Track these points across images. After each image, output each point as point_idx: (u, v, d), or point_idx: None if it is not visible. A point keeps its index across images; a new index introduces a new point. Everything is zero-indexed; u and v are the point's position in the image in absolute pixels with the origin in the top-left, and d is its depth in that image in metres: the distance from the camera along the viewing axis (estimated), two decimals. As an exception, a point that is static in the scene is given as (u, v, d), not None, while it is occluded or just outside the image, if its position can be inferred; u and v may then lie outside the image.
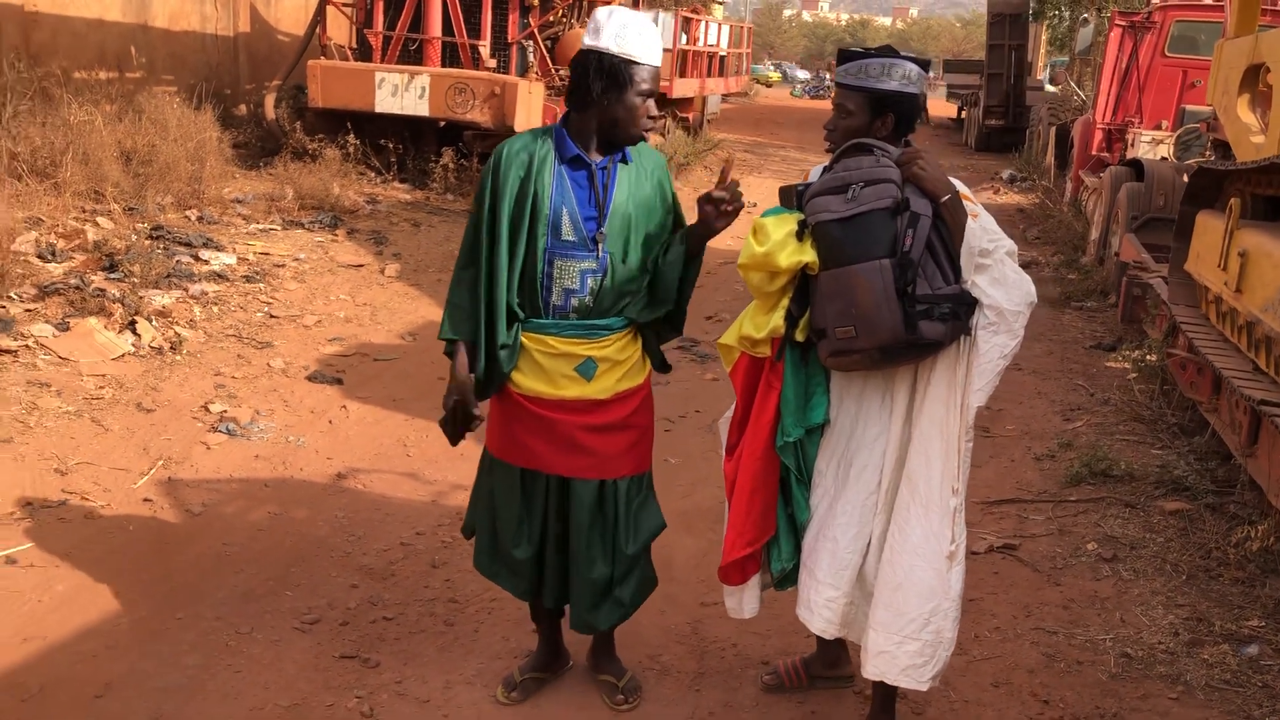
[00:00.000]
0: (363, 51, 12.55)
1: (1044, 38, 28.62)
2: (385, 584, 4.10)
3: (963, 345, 2.85)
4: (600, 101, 2.91)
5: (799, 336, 2.96)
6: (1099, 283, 9.35)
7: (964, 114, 28.59)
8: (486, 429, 3.28)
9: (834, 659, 3.47)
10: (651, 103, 2.98)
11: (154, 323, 6.47)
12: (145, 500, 4.65)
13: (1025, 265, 10.52)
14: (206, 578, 4.07)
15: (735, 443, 3.15)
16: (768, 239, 2.87)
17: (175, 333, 6.48)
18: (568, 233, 2.99)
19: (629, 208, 3.03)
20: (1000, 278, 2.79)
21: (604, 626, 3.25)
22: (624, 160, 3.04)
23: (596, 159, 3.01)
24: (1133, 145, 11.24)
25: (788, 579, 3.14)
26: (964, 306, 2.79)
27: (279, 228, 9.46)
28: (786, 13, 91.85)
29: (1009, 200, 15.59)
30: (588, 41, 2.94)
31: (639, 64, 2.91)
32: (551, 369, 3.07)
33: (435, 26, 12.00)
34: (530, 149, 3.02)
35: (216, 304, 7.11)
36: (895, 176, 2.79)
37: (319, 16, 12.92)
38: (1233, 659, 3.64)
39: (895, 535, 2.94)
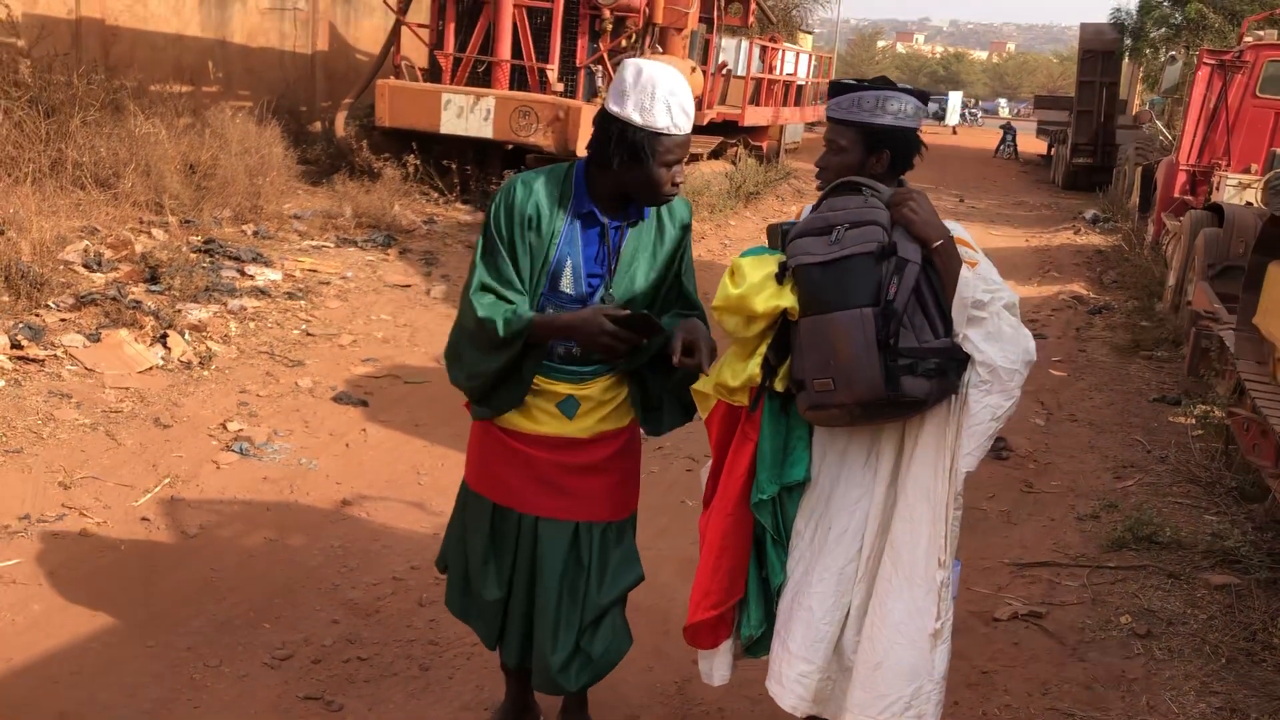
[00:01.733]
0: (433, 72, 12.60)
1: (1139, 75, 27.84)
2: (367, 621, 3.95)
3: (953, 405, 2.60)
4: (619, 171, 2.73)
5: (778, 386, 2.73)
6: (1172, 332, 8.91)
7: (1053, 151, 27.92)
8: (467, 458, 3.11)
9: (820, 732, 3.22)
10: (679, 169, 2.79)
11: (186, 337, 6.45)
12: (143, 519, 4.57)
13: (1098, 310, 10.21)
14: (187, 604, 3.96)
15: (711, 496, 2.94)
16: (744, 281, 2.66)
17: (207, 347, 6.46)
18: (566, 285, 2.83)
19: (635, 270, 2.87)
20: (995, 332, 2.54)
21: (573, 687, 3.03)
22: (641, 218, 2.87)
23: (611, 216, 2.84)
24: (1218, 188, 10.76)
25: (758, 646, 2.91)
26: (953, 363, 2.54)
27: (332, 245, 9.46)
28: (880, 43, 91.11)
29: (1089, 241, 15.08)
30: (611, 106, 2.73)
31: (663, 135, 2.70)
32: (532, 405, 2.91)
33: (505, 49, 11.98)
34: (550, 192, 2.82)
35: (254, 320, 7.08)
36: (883, 219, 2.57)
37: (394, 36, 13.02)
38: (1265, 758, 3.31)
39: (876, 610, 2.70)
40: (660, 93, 2.67)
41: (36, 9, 10.68)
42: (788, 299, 2.63)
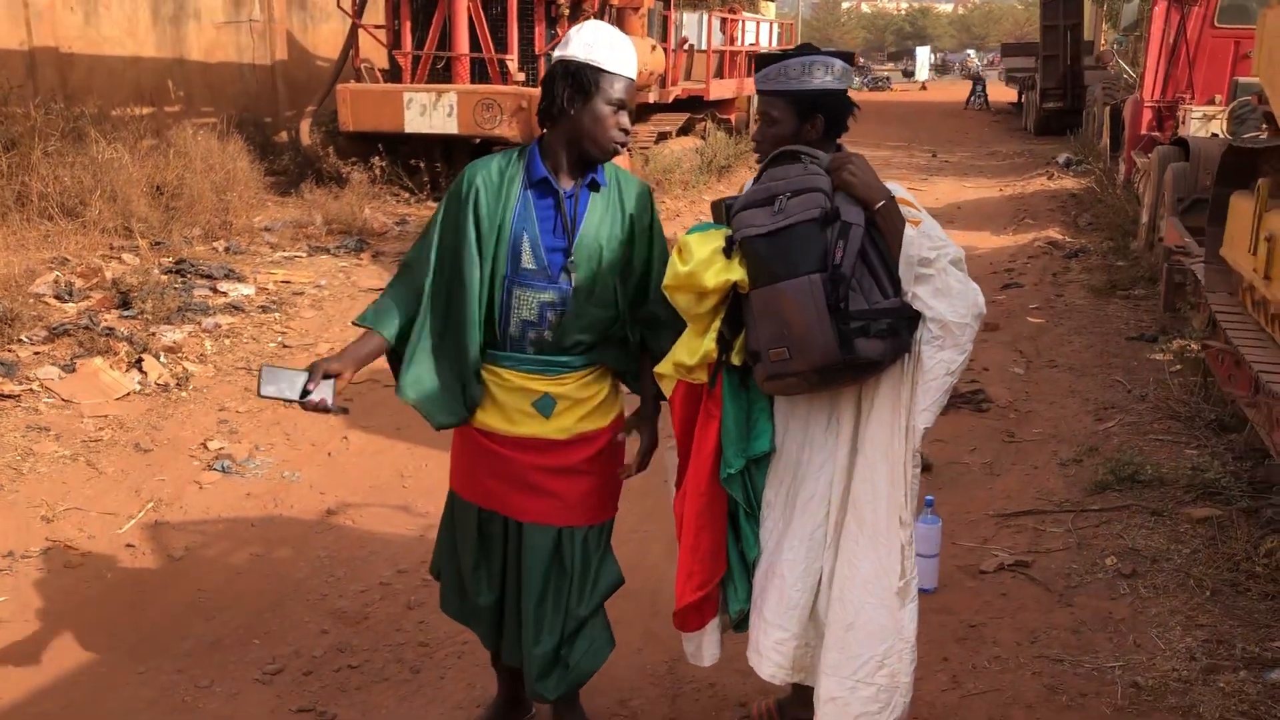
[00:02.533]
0: (394, 72, 12.55)
1: (1103, 14, 27.78)
2: (356, 629, 3.96)
3: (907, 363, 2.61)
4: (567, 111, 2.72)
5: (735, 360, 2.74)
6: (1148, 270, 8.93)
7: (1023, 98, 27.90)
8: (451, 464, 3.11)
9: (809, 699, 3.23)
10: (624, 116, 2.79)
11: (162, 359, 6.44)
12: (128, 546, 4.57)
13: (1074, 253, 10.22)
14: (175, 626, 3.96)
15: (682, 478, 2.94)
16: (692, 257, 2.66)
17: (184, 368, 6.45)
18: (527, 261, 2.80)
19: (599, 239, 2.83)
20: (944, 288, 2.54)
21: (551, 697, 3.00)
22: (596, 186, 2.84)
23: (567, 185, 2.82)
24: (1184, 122, 10.75)
25: (747, 620, 2.92)
26: (904, 321, 2.55)
27: (305, 254, 9.45)
28: (845, 4, 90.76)
29: (1063, 186, 15.08)
30: (556, 53, 2.78)
31: (607, 72, 2.72)
32: (508, 404, 2.89)
33: (462, 43, 11.93)
34: (500, 169, 2.83)
35: (229, 336, 7.07)
36: (824, 185, 2.57)
37: (351, 40, 12.96)
38: (1252, 686, 3.33)
39: (844, 570, 2.71)
40: (602, 34, 2.74)
41: (-13, 43, 10.62)
42: (737, 272, 2.63)
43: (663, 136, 14.72)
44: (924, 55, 58.75)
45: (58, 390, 5.90)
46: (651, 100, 14.51)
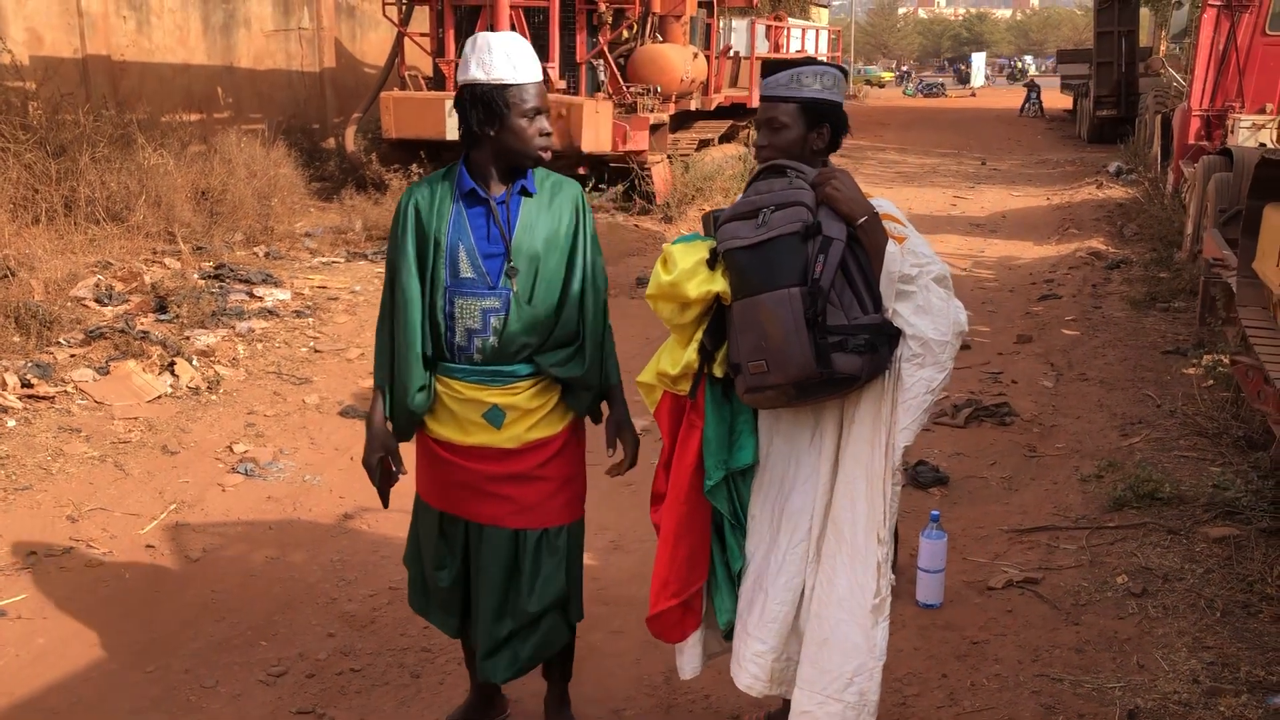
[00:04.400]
0: (437, 80, 12.68)
1: (1160, 21, 27.33)
2: (362, 632, 4.01)
3: (887, 380, 2.60)
4: (486, 134, 2.77)
5: (717, 372, 2.75)
6: (1189, 282, 8.76)
7: (1078, 106, 27.53)
8: (415, 469, 3.16)
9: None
10: (543, 120, 2.84)
11: (194, 363, 6.56)
12: (148, 546, 4.67)
13: (1116, 264, 10.07)
14: (187, 627, 4.04)
15: (664, 491, 2.95)
16: (675, 268, 2.68)
17: (215, 372, 6.56)
18: (466, 270, 2.86)
19: (533, 244, 2.87)
20: (925, 305, 2.54)
21: (498, 679, 3.07)
22: (527, 193, 2.88)
23: (497, 193, 2.87)
24: (1232, 132, 10.57)
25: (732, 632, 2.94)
26: (883, 338, 2.54)
27: (343, 260, 9.58)
28: (901, 10, 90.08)
29: (1110, 195, 14.86)
30: (459, 78, 2.83)
31: (512, 85, 2.76)
32: (461, 415, 2.95)
33: (504, 51, 12.01)
34: (431, 187, 2.92)
35: (262, 341, 7.18)
36: (808, 199, 2.57)
37: (397, 48, 13.13)
38: (1254, 711, 3.26)
39: (823, 586, 2.71)
40: (497, 48, 2.75)
41: (42, 50, 10.89)
42: (719, 284, 2.65)
43: (704, 144, 14.73)
44: (980, 61, 58.15)
45: (91, 392, 6.03)
46: (694, 108, 14.53)
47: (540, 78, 2.82)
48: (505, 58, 2.75)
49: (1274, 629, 3.72)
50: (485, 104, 2.74)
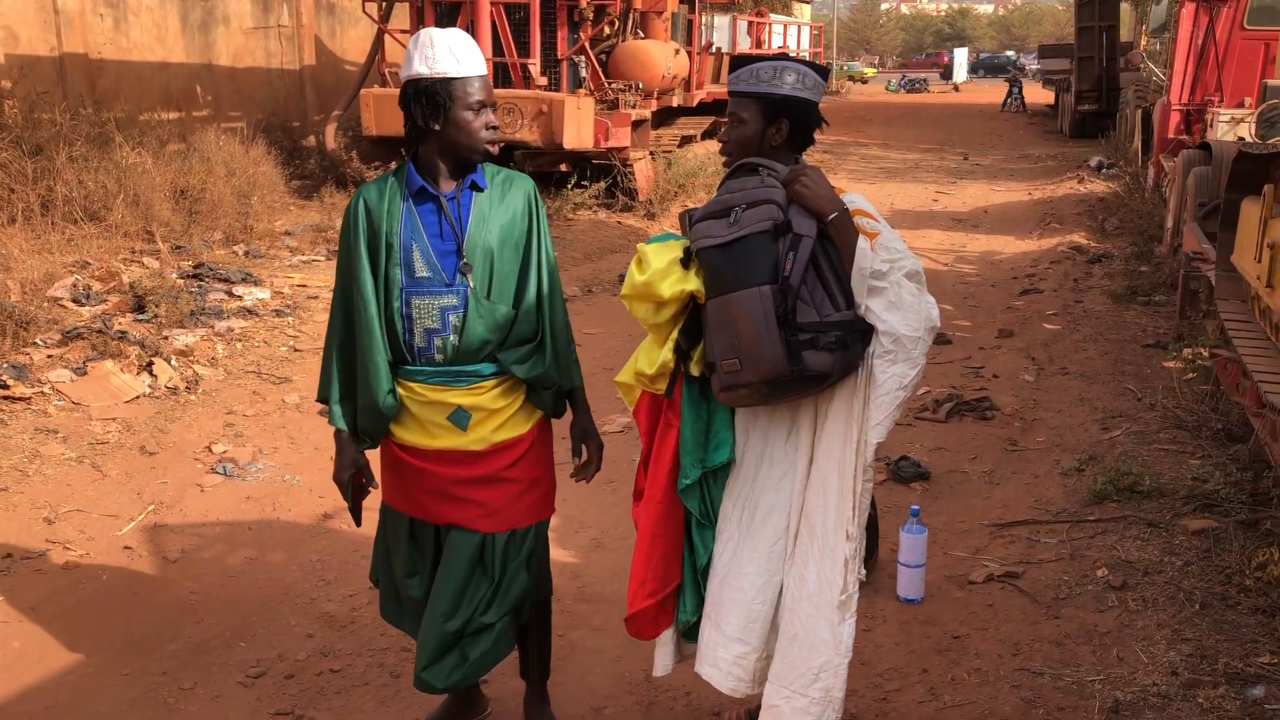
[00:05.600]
0: (418, 77, 12.61)
1: (1140, 16, 27.43)
2: (342, 633, 3.99)
3: (859, 377, 2.59)
4: (430, 128, 2.75)
5: (693, 371, 2.74)
6: (1169, 275, 8.79)
7: (1059, 101, 27.62)
8: (380, 477, 3.14)
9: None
10: (489, 113, 2.81)
11: (173, 363, 6.52)
12: (126, 548, 4.63)
13: (1097, 258, 10.11)
14: (165, 629, 4.01)
15: (644, 485, 2.94)
16: (649, 267, 2.68)
17: (194, 372, 6.52)
18: (421, 269, 2.83)
19: (487, 238, 2.84)
20: (897, 301, 2.53)
21: (441, 685, 3.00)
22: (477, 187, 2.86)
23: (447, 189, 2.84)
24: (1211, 126, 10.60)
25: (692, 631, 2.92)
26: (855, 334, 2.54)
27: (323, 258, 9.53)
28: (884, 5, 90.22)
29: (1092, 189, 14.91)
30: (403, 74, 2.80)
31: (456, 79, 2.74)
32: (425, 418, 2.91)
33: (485, 48, 11.97)
34: (380, 187, 2.87)
35: (241, 340, 7.15)
36: (778, 197, 2.57)
37: (378, 45, 13.07)
38: (1232, 703, 3.27)
39: (795, 582, 2.71)
40: (439, 42, 2.72)
41: (18, 48, 10.80)
42: (693, 283, 2.65)
43: (686, 140, 14.72)
44: (962, 57, 58.27)
45: (68, 393, 5.99)
46: (676, 104, 14.52)
47: (484, 71, 2.79)
48: (448, 52, 2.72)
49: (1252, 621, 3.74)
50: (429, 97, 2.71)
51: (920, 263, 2.62)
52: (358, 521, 3.12)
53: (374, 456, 3.07)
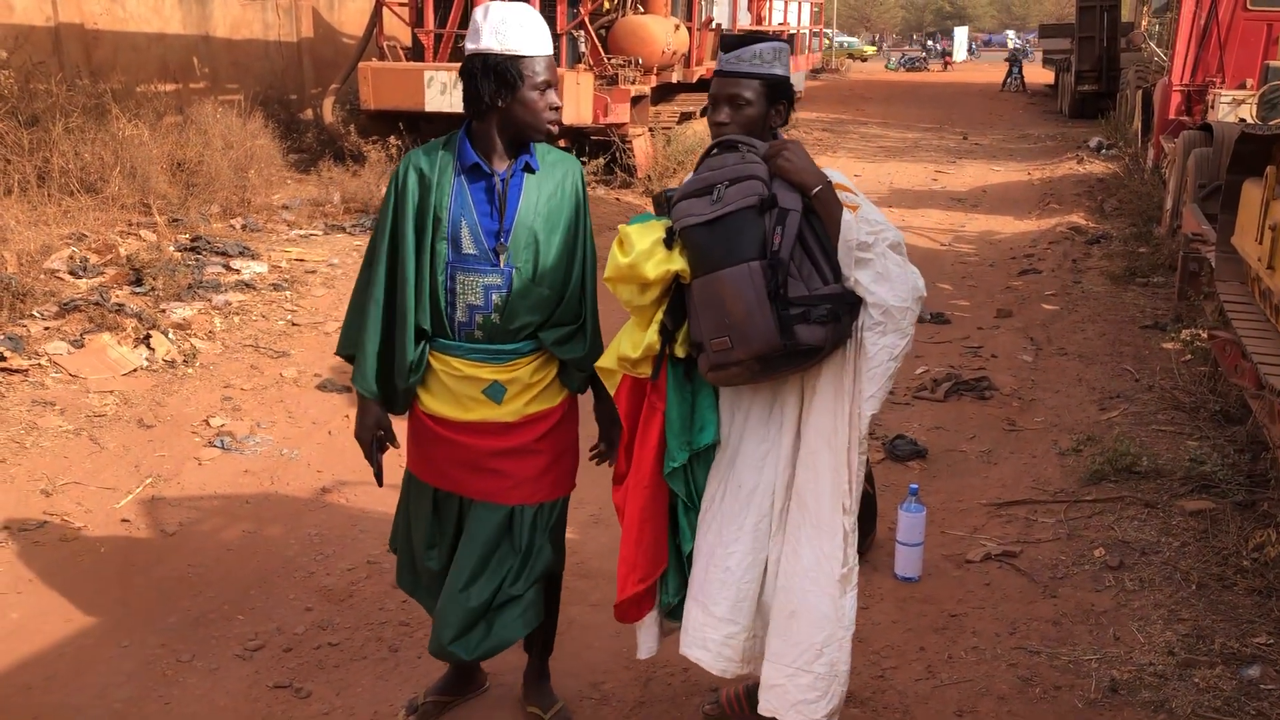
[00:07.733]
0: (416, 51, 12.55)
1: (1143, -4, 27.29)
2: (340, 606, 3.99)
3: (849, 350, 2.59)
4: (495, 105, 2.72)
5: (679, 352, 2.72)
6: (1168, 256, 8.79)
7: (1059, 81, 27.52)
8: (406, 446, 3.14)
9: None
10: (552, 93, 2.79)
11: (170, 336, 6.50)
12: (124, 521, 4.63)
13: (1096, 239, 10.09)
14: (163, 601, 4.02)
15: (625, 471, 2.93)
16: (633, 249, 2.65)
17: (191, 345, 6.51)
18: (468, 246, 2.82)
19: (534, 220, 2.84)
20: (883, 272, 2.52)
21: (468, 657, 3.00)
22: (530, 169, 2.84)
23: (500, 168, 2.82)
24: (1213, 107, 10.57)
25: (674, 612, 2.92)
26: (845, 306, 2.53)
27: (320, 232, 9.49)
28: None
29: (1091, 170, 14.88)
30: (469, 46, 2.77)
31: (526, 57, 2.72)
32: (459, 391, 2.91)
33: (485, 22, 11.90)
34: (431, 158, 2.85)
35: (239, 314, 7.12)
36: (761, 172, 2.55)
37: (376, 18, 12.97)
38: (1228, 682, 3.29)
39: (788, 558, 2.71)
40: (512, 19, 2.70)
41: (13, 18, 10.71)
42: (678, 263, 2.62)
43: (686, 117, 14.66)
44: (962, 36, 58.04)
45: (65, 365, 5.97)
46: (675, 80, 14.45)
47: (550, 51, 2.78)
48: (520, 28, 2.70)
49: (1248, 601, 3.75)
50: (498, 73, 2.69)
51: (901, 234, 2.61)
52: (380, 481, 3.09)
53: (398, 422, 3.06)
